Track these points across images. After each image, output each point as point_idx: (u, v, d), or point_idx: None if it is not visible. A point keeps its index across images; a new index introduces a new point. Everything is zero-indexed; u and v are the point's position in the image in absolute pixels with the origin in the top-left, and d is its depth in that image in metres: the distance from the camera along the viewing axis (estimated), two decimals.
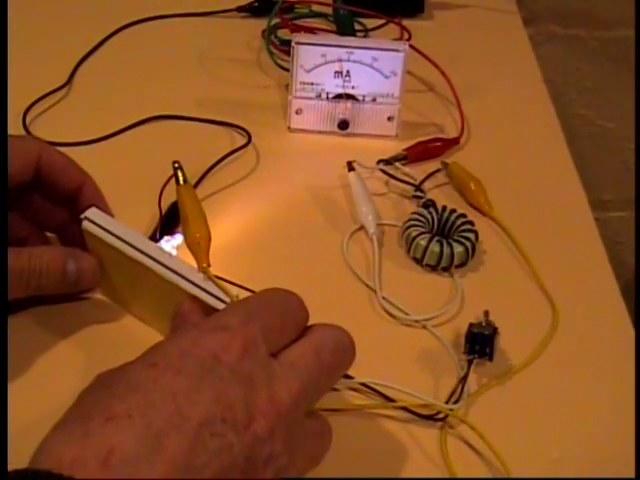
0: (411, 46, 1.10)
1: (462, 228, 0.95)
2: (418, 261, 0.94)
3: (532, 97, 1.18)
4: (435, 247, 0.93)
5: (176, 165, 0.84)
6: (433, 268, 0.94)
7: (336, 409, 0.81)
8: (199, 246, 0.79)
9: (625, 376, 0.86)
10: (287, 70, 1.09)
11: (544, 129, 1.14)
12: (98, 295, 0.89)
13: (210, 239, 0.80)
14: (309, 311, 0.87)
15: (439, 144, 1.08)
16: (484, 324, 0.85)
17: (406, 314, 0.90)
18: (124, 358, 0.84)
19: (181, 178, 0.84)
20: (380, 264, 0.94)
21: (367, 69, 1.05)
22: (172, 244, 0.90)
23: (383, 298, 0.91)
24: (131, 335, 0.86)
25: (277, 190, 1.02)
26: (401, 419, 0.81)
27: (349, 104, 1.07)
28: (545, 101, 1.18)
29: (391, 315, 0.90)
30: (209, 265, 0.78)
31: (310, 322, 0.87)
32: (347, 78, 1.06)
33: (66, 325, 0.86)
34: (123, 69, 1.18)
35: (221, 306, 0.75)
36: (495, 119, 1.14)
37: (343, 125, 1.08)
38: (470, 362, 0.84)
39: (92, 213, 0.82)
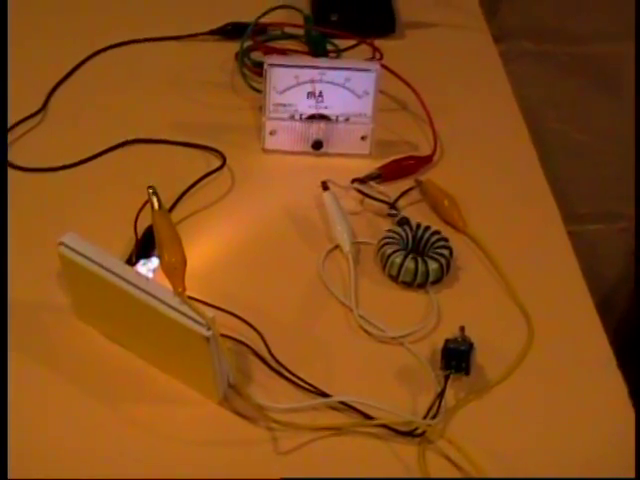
0: (383, 66, 1.11)
1: (437, 245, 0.96)
2: (394, 278, 0.95)
3: (503, 113, 1.20)
4: (410, 264, 0.94)
5: (151, 190, 0.84)
6: (409, 285, 0.95)
7: (315, 428, 0.82)
8: (175, 271, 0.80)
9: (600, 386, 0.87)
10: (260, 92, 1.09)
11: (516, 145, 1.15)
12: (75, 320, 0.89)
13: (185, 264, 0.81)
14: (287, 331, 0.88)
15: (412, 162, 1.09)
16: (460, 339, 0.86)
17: (383, 331, 0.90)
18: (100, 382, 0.85)
19: (156, 203, 0.84)
20: (356, 282, 0.95)
21: (340, 89, 1.06)
22: (148, 267, 0.91)
23: (360, 316, 0.91)
24: (108, 359, 0.86)
25: (253, 211, 1.03)
26: (380, 436, 0.82)
27: (322, 124, 1.08)
28: (516, 117, 1.19)
29: (368, 333, 0.90)
30: (185, 289, 0.78)
31: (287, 342, 0.88)
32: (320, 98, 1.07)
33: (42, 351, 0.87)
34: (98, 94, 1.19)
35: (197, 328, 0.76)
36: (467, 136, 1.15)
37: (317, 145, 1.09)
38: (447, 377, 0.84)
39: (68, 238, 0.83)
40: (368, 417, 0.82)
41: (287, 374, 0.86)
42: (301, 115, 1.07)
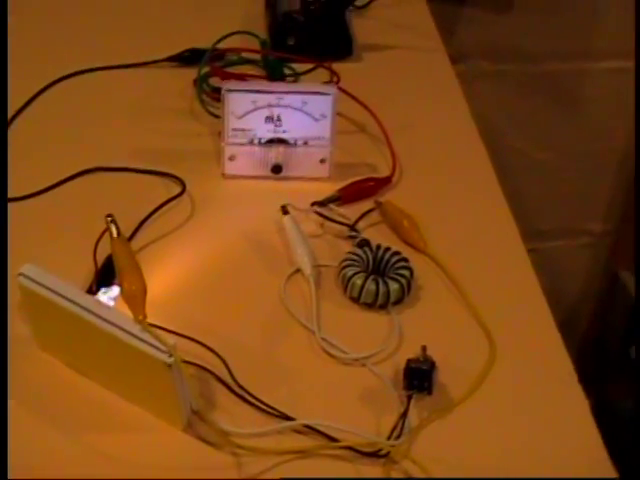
0: (340, 88, 1.12)
1: (397, 265, 0.97)
2: (355, 300, 0.95)
3: (461, 133, 1.21)
4: (371, 285, 0.94)
5: (109, 219, 0.85)
6: (370, 306, 0.95)
7: (280, 452, 0.82)
8: (135, 299, 0.80)
9: (562, 402, 0.88)
10: (219, 117, 1.10)
11: (474, 164, 1.16)
12: (37, 350, 0.89)
13: (146, 291, 0.81)
14: (250, 356, 0.88)
15: (372, 183, 1.09)
16: (422, 359, 0.86)
17: (345, 353, 0.90)
18: (63, 412, 0.85)
19: (114, 231, 0.84)
20: (318, 305, 0.95)
21: (297, 113, 1.06)
22: (109, 296, 0.91)
23: (322, 339, 0.92)
24: (71, 389, 0.86)
25: (213, 237, 1.03)
26: (345, 458, 0.82)
27: (281, 148, 1.08)
28: (474, 136, 1.20)
29: (331, 355, 0.91)
30: (145, 317, 0.78)
31: (250, 367, 0.88)
32: (278, 123, 1.07)
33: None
34: (57, 122, 1.19)
35: (159, 355, 0.76)
36: (426, 156, 1.16)
37: (276, 169, 1.09)
38: (409, 397, 0.85)
39: (27, 269, 0.82)
40: (333, 439, 0.82)
41: (251, 399, 0.85)
42: (260, 140, 1.08)
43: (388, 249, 0.98)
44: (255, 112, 1.06)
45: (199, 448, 0.82)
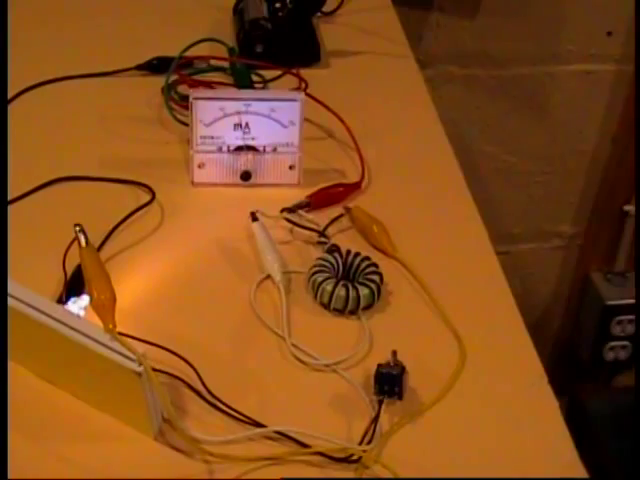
0: (308, 95, 1.12)
1: (367, 271, 0.97)
2: (325, 306, 0.96)
3: (429, 138, 1.21)
4: (341, 291, 0.94)
5: (77, 228, 0.84)
6: (340, 312, 0.95)
7: (252, 459, 0.82)
8: (104, 308, 0.80)
9: (533, 404, 0.89)
10: (188, 125, 1.10)
11: (443, 169, 1.16)
12: (10, 362, 0.88)
13: (115, 300, 0.81)
14: (221, 363, 0.88)
15: (341, 189, 1.10)
16: (392, 364, 0.86)
17: (316, 359, 0.91)
18: (34, 422, 0.84)
19: (83, 241, 0.84)
20: (288, 311, 0.95)
21: (265, 120, 1.07)
22: (79, 305, 0.90)
23: (292, 345, 0.92)
24: (41, 398, 0.86)
25: (183, 245, 1.03)
26: (317, 464, 0.82)
27: (250, 155, 1.08)
28: (443, 141, 1.20)
29: (301, 361, 0.91)
30: (115, 326, 0.78)
31: (221, 374, 0.88)
32: (247, 130, 1.07)
33: None
34: (25, 132, 1.18)
35: (128, 364, 0.76)
36: (394, 162, 1.16)
37: (245, 176, 1.09)
38: (380, 402, 0.85)
39: None
40: (304, 445, 0.83)
41: (221, 406, 0.85)
42: (228, 147, 1.08)
43: (358, 254, 0.99)
44: (223, 119, 1.06)
45: (170, 456, 0.82)
